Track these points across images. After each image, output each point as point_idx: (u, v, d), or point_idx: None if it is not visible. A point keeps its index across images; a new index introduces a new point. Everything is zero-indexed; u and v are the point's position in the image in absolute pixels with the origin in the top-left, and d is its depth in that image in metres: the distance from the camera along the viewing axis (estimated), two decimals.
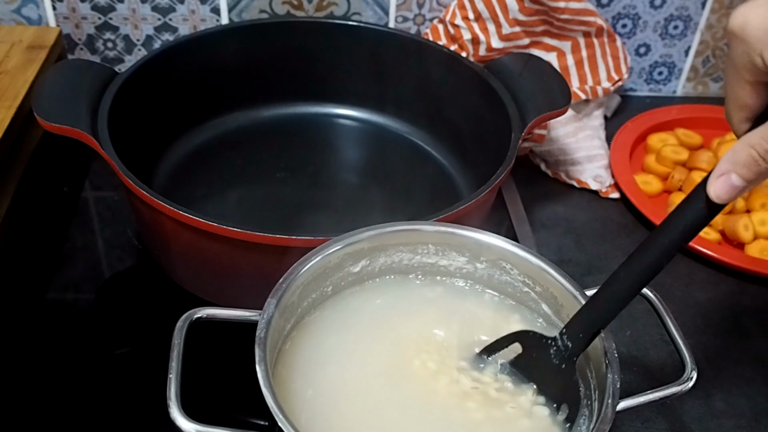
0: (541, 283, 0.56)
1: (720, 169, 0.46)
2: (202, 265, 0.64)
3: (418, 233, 0.58)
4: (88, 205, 0.82)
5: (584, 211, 0.84)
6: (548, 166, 0.88)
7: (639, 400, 0.51)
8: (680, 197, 0.83)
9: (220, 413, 0.61)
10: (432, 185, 0.81)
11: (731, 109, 0.48)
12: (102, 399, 0.62)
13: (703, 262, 0.77)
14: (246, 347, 0.48)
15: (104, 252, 0.76)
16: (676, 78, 1.01)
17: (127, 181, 0.61)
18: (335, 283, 0.57)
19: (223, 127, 0.85)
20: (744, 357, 0.69)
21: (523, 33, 0.88)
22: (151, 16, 0.90)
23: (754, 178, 0.45)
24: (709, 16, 0.96)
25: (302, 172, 0.82)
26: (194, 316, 0.52)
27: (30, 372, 0.64)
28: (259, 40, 0.84)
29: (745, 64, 0.45)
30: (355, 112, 0.89)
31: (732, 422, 0.63)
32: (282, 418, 0.44)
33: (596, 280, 0.73)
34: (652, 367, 0.67)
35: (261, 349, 0.48)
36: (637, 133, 0.91)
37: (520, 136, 0.69)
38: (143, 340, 0.67)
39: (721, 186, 0.45)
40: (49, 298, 0.71)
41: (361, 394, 0.52)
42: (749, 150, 0.45)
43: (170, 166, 0.80)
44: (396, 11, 0.92)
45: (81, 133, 0.64)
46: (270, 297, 0.51)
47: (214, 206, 0.76)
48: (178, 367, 0.49)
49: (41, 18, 0.89)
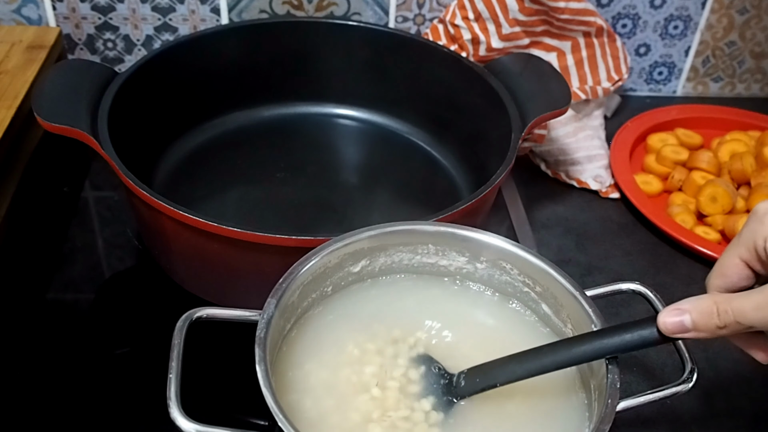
0: (541, 283, 0.56)
1: (679, 304, 0.47)
2: (202, 265, 0.64)
3: (418, 233, 0.58)
4: (88, 205, 0.82)
5: (584, 211, 0.84)
6: (548, 166, 0.88)
7: (639, 400, 0.51)
8: (680, 197, 0.83)
9: (220, 413, 0.61)
10: (432, 185, 0.81)
11: (713, 273, 0.49)
12: (102, 399, 0.62)
13: (703, 262, 0.77)
14: (246, 347, 0.48)
15: (104, 252, 0.76)
16: (676, 78, 1.01)
17: (127, 181, 0.61)
18: (335, 283, 0.57)
19: (223, 127, 0.85)
20: (744, 357, 0.68)
21: (523, 33, 0.88)
22: (151, 16, 0.90)
23: (705, 330, 0.46)
24: (709, 16, 0.96)
25: (302, 172, 0.82)
26: (194, 316, 0.52)
27: (30, 372, 0.64)
28: (259, 40, 0.84)
29: (747, 241, 0.47)
30: (355, 112, 0.89)
31: (732, 422, 0.63)
32: (282, 418, 0.44)
33: (596, 280, 0.74)
34: (652, 367, 0.67)
35: (261, 349, 0.48)
36: (637, 133, 0.91)
37: (520, 136, 0.69)
38: (143, 340, 0.67)
39: (671, 320, 0.47)
40: (49, 298, 0.71)
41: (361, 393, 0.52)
42: (712, 304, 0.46)
43: (170, 166, 0.80)
44: (396, 11, 0.92)
45: (81, 133, 0.64)
46: (270, 297, 0.51)
47: (214, 206, 0.76)
48: (178, 367, 0.49)
49: (41, 18, 0.89)
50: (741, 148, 0.86)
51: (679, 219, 0.80)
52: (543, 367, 0.50)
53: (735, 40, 0.98)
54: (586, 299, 0.53)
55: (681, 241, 0.77)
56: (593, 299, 0.54)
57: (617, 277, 0.75)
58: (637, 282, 0.57)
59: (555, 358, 0.50)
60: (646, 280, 0.58)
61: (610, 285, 0.57)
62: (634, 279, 0.58)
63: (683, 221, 0.80)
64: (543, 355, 0.50)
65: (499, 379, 0.51)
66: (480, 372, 0.52)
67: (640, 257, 0.78)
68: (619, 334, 0.49)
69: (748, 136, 0.89)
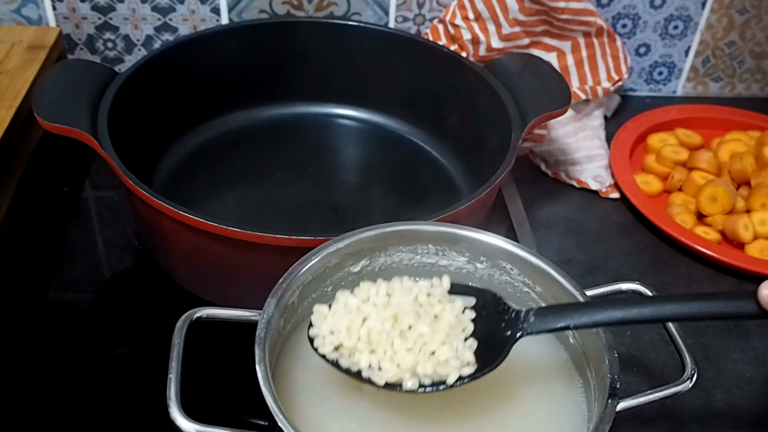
0: (541, 283, 0.56)
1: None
2: (202, 265, 0.64)
3: (418, 233, 0.58)
4: (88, 205, 0.82)
5: (584, 211, 0.84)
6: (548, 166, 0.88)
7: (639, 400, 0.51)
8: (680, 197, 0.83)
9: (220, 413, 0.61)
10: (432, 185, 0.81)
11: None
12: (102, 399, 0.62)
13: (703, 262, 0.77)
14: (246, 347, 0.48)
15: (104, 252, 0.76)
16: (676, 78, 1.01)
17: (127, 181, 0.61)
18: (335, 283, 0.57)
19: (223, 127, 0.85)
20: (744, 357, 0.69)
21: (523, 33, 0.88)
22: (151, 16, 0.90)
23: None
24: (709, 16, 0.96)
25: (302, 172, 0.82)
26: (194, 316, 0.52)
27: (30, 372, 0.64)
28: (259, 40, 0.84)
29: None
30: (355, 112, 0.89)
31: (732, 422, 0.63)
32: (282, 418, 0.44)
33: (596, 280, 0.74)
34: (652, 367, 0.67)
35: (261, 349, 0.48)
36: (637, 133, 0.91)
37: (520, 136, 0.69)
38: (143, 340, 0.67)
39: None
40: (49, 298, 0.71)
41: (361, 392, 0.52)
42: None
43: (170, 166, 0.80)
44: (396, 11, 0.92)
45: (81, 133, 0.64)
46: (270, 297, 0.51)
47: (214, 206, 0.76)
48: (178, 367, 0.49)
49: (41, 18, 0.89)
50: (741, 148, 0.86)
51: (679, 219, 0.80)
52: (626, 317, 0.48)
53: (735, 40, 0.98)
54: (586, 299, 0.53)
55: (681, 241, 0.77)
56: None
57: (617, 277, 0.74)
58: (637, 282, 0.57)
59: (642, 311, 0.48)
60: (646, 280, 0.58)
61: (610, 285, 0.58)
62: (634, 279, 0.58)
63: (683, 221, 0.80)
64: (628, 306, 0.48)
65: (574, 321, 0.49)
66: (553, 311, 0.51)
67: (640, 257, 0.78)
68: (715, 300, 0.47)
69: (748, 136, 0.89)
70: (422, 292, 0.51)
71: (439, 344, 0.48)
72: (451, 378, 0.48)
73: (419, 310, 0.49)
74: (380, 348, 0.48)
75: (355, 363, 0.49)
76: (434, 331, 0.48)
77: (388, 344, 0.48)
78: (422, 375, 0.48)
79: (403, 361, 0.48)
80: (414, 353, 0.48)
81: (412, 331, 0.48)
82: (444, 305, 0.50)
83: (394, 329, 0.49)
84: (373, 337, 0.48)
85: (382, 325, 0.48)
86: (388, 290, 0.51)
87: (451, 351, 0.48)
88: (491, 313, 0.51)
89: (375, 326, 0.49)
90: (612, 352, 0.50)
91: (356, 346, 0.49)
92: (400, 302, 0.50)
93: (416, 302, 0.50)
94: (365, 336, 0.49)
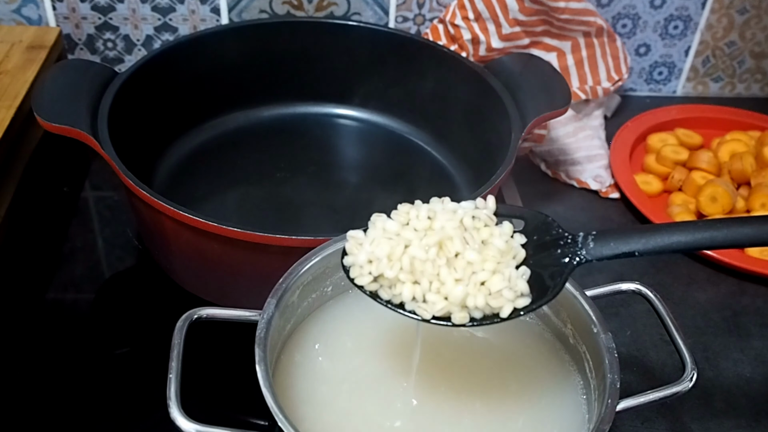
0: None
1: None
2: (202, 265, 0.64)
3: None
4: (88, 205, 0.82)
5: (584, 211, 0.84)
6: (548, 166, 0.88)
7: (639, 400, 0.51)
8: (680, 197, 0.83)
9: (220, 413, 0.61)
10: (432, 186, 0.81)
11: None
12: (102, 399, 0.62)
13: (703, 262, 0.77)
14: (246, 347, 0.48)
15: (104, 252, 0.76)
16: (676, 78, 1.01)
17: (127, 181, 0.61)
18: (335, 283, 0.57)
19: (223, 127, 0.85)
20: (744, 357, 0.69)
21: (523, 33, 0.88)
22: (151, 16, 0.90)
23: None
24: (709, 16, 0.96)
25: (302, 172, 0.82)
26: (194, 316, 0.52)
27: (30, 372, 0.64)
28: (259, 40, 0.84)
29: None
30: (355, 112, 0.89)
31: (732, 422, 0.63)
32: (282, 418, 0.44)
33: (596, 280, 0.73)
34: (652, 367, 0.67)
35: (261, 349, 0.48)
36: (637, 133, 0.91)
37: (520, 136, 0.69)
38: (143, 340, 0.67)
39: None
40: (49, 298, 0.71)
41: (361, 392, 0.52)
42: None
43: (170, 166, 0.80)
44: (396, 11, 0.92)
45: (81, 133, 0.64)
46: (270, 297, 0.51)
47: (214, 206, 0.76)
48: (178, 367, 0.49)
49: (41, 18, 0.89)
50: (741, 148, 0.86)
51: (679, 219, 0.80)
52: (696, 241, 0.44)
53: (735, 40, 0.98)
54: (586, 299, 0.53)
55: None
56: (593, 299, 0.54)
57: (617, 277, 0.74)
58: (637, 282, 0.57)
59: (715, 234, 0.44)
60: (646, 280, 0.58)
61: (610, 285, 0.57)
62: (634, 279, 0.58)
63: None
64: (699, 229, 0.45)
65: (640, 246, 0.46)
66: (615, 236, 0.47)
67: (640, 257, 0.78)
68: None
69: (748, 136, 0.89)
70: (467, 215, 0.46)
71: (490, 273, 0.44)
72: (505, 311, 0.44)
73: (465, 236, 0.45)
74: (425, 278, 0.44)
75: (396, 295, 0.45)
76: (484, 259, 0.44)
77: (433, 274, 0.44)
78: (472, 308, 0.44)
79: (452, 294, 0.44)
80: (463, 284, 0.44)
81: (460, 259, 0.44)
82: (491, 229, 0.46)
83: (440, 257, 0.44)
84: (416, 266, 0.44)
85: (426, 253, 0.44)
86: (429, 213, 0.47)
87: (504, 281, 0.44)
88: (543, 238, 0.47)
89: (418, 254, 0.44)
90: (612, 352, 0.50)
91: (398, 277, 0.45)
92: (444, 227, 0.45)
93: (461, 226, 0.46)
94: (407, 265, 0.44)
